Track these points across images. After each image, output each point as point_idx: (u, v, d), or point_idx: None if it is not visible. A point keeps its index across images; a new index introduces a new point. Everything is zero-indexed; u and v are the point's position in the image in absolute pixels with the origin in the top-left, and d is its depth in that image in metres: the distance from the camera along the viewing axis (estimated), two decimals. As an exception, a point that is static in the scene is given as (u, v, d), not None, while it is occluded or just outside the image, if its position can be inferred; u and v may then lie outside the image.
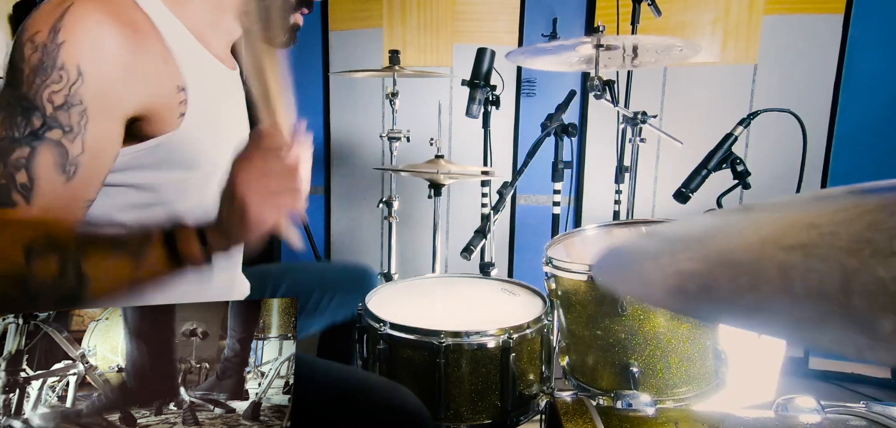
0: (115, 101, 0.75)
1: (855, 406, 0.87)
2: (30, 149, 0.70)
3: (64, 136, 0.72)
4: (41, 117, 0.70)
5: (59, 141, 0.71)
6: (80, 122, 0.72)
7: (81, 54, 0.71)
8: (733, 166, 1.38)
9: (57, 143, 0.71)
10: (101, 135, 0.75)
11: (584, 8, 2.63)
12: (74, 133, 0.72)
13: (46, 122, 0.71)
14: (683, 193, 1.41)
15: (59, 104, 0.71)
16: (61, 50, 0.70)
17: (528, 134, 2.77)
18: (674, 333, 1.20)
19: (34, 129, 0.70)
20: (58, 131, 0.71)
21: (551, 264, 1.30)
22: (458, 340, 1.15)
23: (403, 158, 2.52)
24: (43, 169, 0.71)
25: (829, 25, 2.36)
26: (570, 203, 2.73)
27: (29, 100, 0.70)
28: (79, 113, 0.72)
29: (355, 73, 2.42)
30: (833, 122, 2.41)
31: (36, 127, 0.70)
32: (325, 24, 2.85)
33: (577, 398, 0.99)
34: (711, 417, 0.92)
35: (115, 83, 0.74)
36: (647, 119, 1.81)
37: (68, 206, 0.74)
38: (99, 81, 0.72)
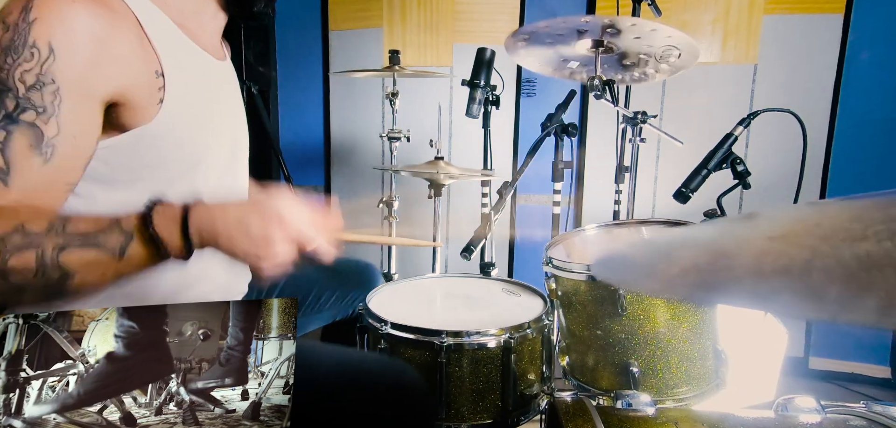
0: (90, 82, 0.74)
1: (855, 406, 0.87)
2: (4, 132, 0.69)
3: (38, 116, 0.70)
4: (14, 99, 0.69)
5: (33, 122, 0.70)
6: (53, 103, 0.71)
7: (53, 32, 0.70)
8: (733, 166, 1.38)
9: (31, 125, 0.70)
10: (77, 116, 0.73)
11: (583, 8, 2.63)
12: (48, 114, 0.71)
13: (19, 103, 0.70)
14: (683, 193, 1.41)
15: (31, 84, 0.70)
16: (32, 28, 0.69)
17: (528, 134, 2.77)
18: (674, 333, 1.20)
19: (7, 111, 0.69)
20: (31, 112, 0.70)
21: (551, 264, 1.30)
22: (458, 340, 1.15)
23: (403, 158, 2.52)
24: (18, 151, 0.70)
25: (829, 25, 2.36)
26: (570, 203, 2.73)
27: (1, 82, 0.69)
28: (52, 92, 0.71)
29: (355, 73, 2.42)
30: (833, 122, 2.41)
31: (9, 109, 0.69)
32: (325, 24, 2.85)
33: (577, 398, 0.99)
34: (711, 417, 0.92)
35: (88, 63, 0.73)
36: (647, 119, 1.81)
37: (48, 190, 0.73)
38: (72, 60, 0.71)
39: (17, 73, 0.69)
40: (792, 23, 2.40)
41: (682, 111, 2.57)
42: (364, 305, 1.28)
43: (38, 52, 0.70)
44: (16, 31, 0.69)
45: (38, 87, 0.70)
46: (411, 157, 2.56)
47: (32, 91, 0.70)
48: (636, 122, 1.83)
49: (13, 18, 0.70)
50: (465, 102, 1.97)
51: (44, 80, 0.70)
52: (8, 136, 0.70)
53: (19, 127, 0.70)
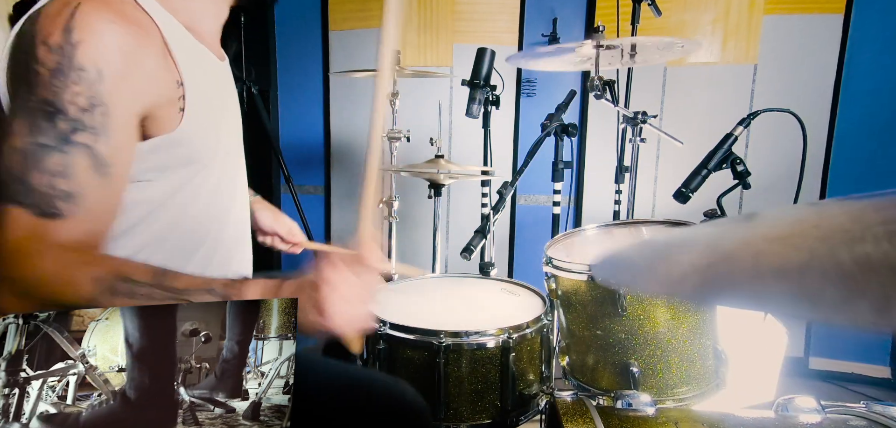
0: (129, 99, 0.75)
1: (855, 406, 0.87)
2: (64, 154, 0.70)
3: (92, 137, 0.71)
4: (66, 120, 0.70)
5: (89, 143, 0.71)
6: (104, 122, 0.72)
7: (98, 54, 0.71)
8: (733, 166, 1.38)
9: (87, 146, 0.71)
10: (122, 133, 0.75)
11: (583, 8, 2.63)
12: (100, 133, 0.72)
13: (73, 125, 0.70)
14: (683, 193, 1.41)
15: (83, 106, 0.70)
16: (78, 50, 0.70)
17: (528, 134, 2.77)
18: (674, 333, 1.20)
19: (62, 133, 0.70)
20: (86, 134, 0.71)
21: (551, 264, 1.30)
22: (457, 340, 1.15)
23: (403, 158, 2.51)
24: (82, 173, 0.71)
25: (829, 25, 2.36)
26: (570, 203, 2.73)
27: (51, 104, 0.69)
28: (102, 113, 0.72)
29: (355, 73, 2.42)
30: (833, 122, 2.41)
31: (63, 131, 0.70)
32: (325, 24, 2.85)
33: (577, 398, 0.99)
34: (711, 417, 0.92)
35: (127, 81, 0.74)
36: (647, 119, 1.81)
37: (108, 209, 0.75)
38: (114, 80, 0.72)
39: (67, 95, 0.70)
40: (792, 23, 2.40)
41: (682, 111, 2.57)
42: (364, 305, 1.28)
43: (86, 76, 0.70)
44: (62, 54, 0.69)
45: (90, 110, 0.71)
46: (411, 156, 2.56)
47: (85, 113, 0.71)
48: (636, 122, 1.83)
49: (56, 40, 0.69)
50: (465, 102, 1.97)
51: (95, 101, 0.71)
52: (69, 160, 0.70)
53: (77, 148, 0.71)
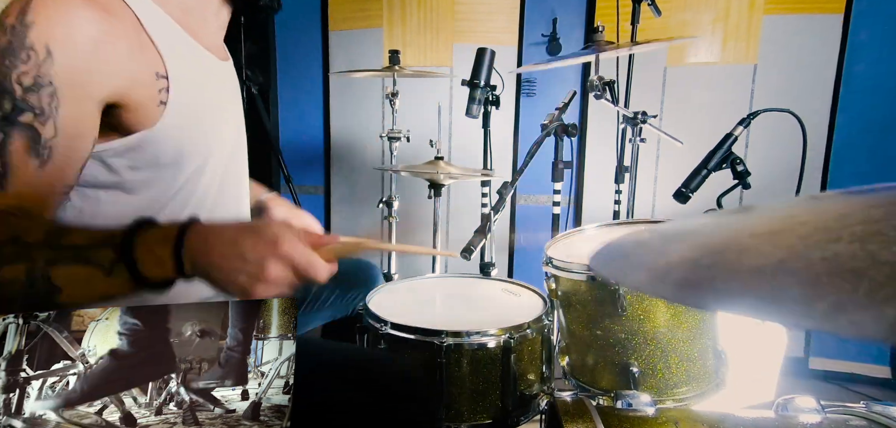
0: (87, 83, 0.73)
1: (855, 406, 0.87)
2: (2, 135, 0.69)
3: (35, 118, 0.70)
4: (11, 101, 0.69)
5: (31, 124, 0.70)
6: (50, 104, 0.71)
7: (50, 34, 0.70)
8: (733, 166, 1.38)
9: (28, 127, 0.70)
10: (74, 118, 0.73)
11: (583, 8, 2.63)
12: (46, 115, 0.71)
13: (17, 105, 0.69)
14: (683, 193, 1.41)
15: (28, 85, 0.69)
16: (30, 31, 0.69)
17: (528, 134, 2.77)
18: (674, 333, 1.20)
19: (5, 113, 0.69)
20: (29, 114, 0.70)
21: (551, 264, 1.30)
22: (458, 340, 1.15)
23: (403, 159, 2.51)
24: (15, 154, 0.70)
25: (829, 25, 2.36)
26: (570, 203, 2.73)
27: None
28: (49, 94, 0.71)
29: (355, 73, 2.42)
30: (833, 122, 2.41)
31: (7, 111, 0.69)
32: (325, 24, 2.85)
33: (577, 398, 0.99)
34: (711, 417, 0.92)
35: (86, 64, 0.72)
36: (647, 119, 1.81)
37: (44, 193, 0.73)
38: (69, 62, 0.71)
39: (14, 75, 0.69)
40: (792, 23, 2.40)
41: (682, 111, 2.57)
42: (364, 305, 1.28)
43: (34, 55, 0.69)
44: (13, 34, 0.69)
45: (35, 90, 0.70)
46: (411, 157, 2.56)
47: (29, 93, 0.70)
48: (636, 122, 1.83)
49: (11, 21, 0.70)
50: (465, 102, 1.97)
51: (41, 82, 0.70)
52: (5, 139, 0.69)
53: (16, 129, 0.70)
